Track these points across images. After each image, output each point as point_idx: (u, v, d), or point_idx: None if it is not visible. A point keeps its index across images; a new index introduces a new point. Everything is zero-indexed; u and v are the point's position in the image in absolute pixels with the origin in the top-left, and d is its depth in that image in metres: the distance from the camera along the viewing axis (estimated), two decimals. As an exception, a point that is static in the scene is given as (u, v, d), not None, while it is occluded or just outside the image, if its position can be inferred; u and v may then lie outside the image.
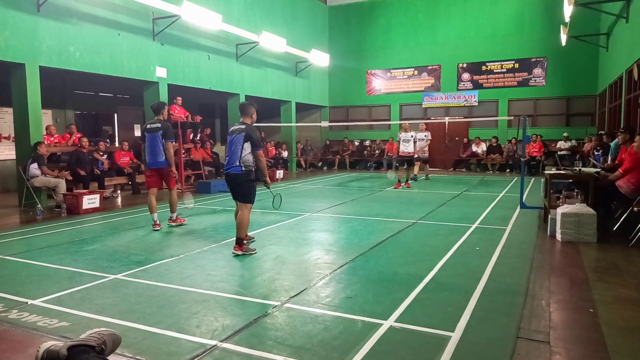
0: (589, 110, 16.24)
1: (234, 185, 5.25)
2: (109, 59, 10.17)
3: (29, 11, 8.59)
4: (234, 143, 5.18)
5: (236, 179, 5.19)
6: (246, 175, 5.16)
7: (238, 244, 5.12)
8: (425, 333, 3.03)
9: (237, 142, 5.14)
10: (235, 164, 5.14)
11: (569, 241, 5.55)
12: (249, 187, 5.22)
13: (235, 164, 5.14)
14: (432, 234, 6.15)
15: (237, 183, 5.21)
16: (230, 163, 5.19)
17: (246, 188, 5.21)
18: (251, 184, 5.23)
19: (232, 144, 5.20)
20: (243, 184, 5.19)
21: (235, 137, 5.18)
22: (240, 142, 5.12)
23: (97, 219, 7.59)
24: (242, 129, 5.18)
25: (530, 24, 16.78)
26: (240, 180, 5.17)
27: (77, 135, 10.68)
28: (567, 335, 3.05)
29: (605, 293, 3.83)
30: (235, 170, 5.14)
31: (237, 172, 5.14)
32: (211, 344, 2.88)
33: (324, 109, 20.25)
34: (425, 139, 13.27)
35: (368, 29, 19.22)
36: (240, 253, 5.08)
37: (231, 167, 5.18)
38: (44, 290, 3.94)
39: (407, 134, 11.84)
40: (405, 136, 11.86)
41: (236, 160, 5.13)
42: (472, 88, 17.71)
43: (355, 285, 4.02)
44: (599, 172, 6.73)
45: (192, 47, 12.57)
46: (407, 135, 11.81)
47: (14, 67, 8.62)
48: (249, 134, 5.13)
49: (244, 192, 5.21)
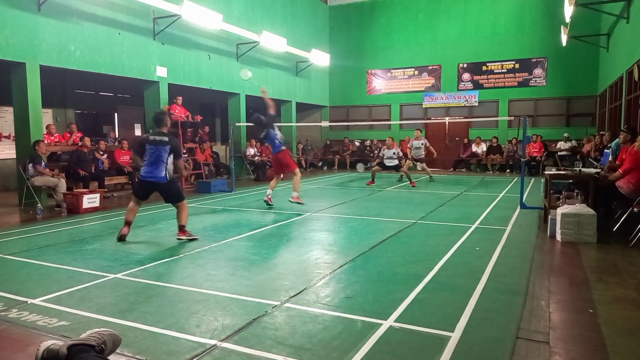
0: (589, 110, 16.24)
1: (162, 191, 5.83)
2: (110, 58, 10.17)
3: (29, 10, 8.59)
4: (157, 153, 5.68)
5: (161, 187, 5.78)
6: (170, 182, 5.80)
7: (182, 231, 5.75)
8: (424, 333, 3.03)
9: (162, 152, 5.68)
10: (160, 174, 5.68)
11: (569, 241, 5.55)
12: (177, 188, 6.00)
13: (161, 175, 5.69)
14: (432, 234, 6.16)
15: (164, 189, 5.80)
16: (154, 173, 5.69)
17: (175, 190, 5.90)
18: (176, 185, 6.03)
19: (155, 154, 5.68)
20: (171, 188, 5.84)
21: (158, 148, 5.68)
22: (166, 153, 5.70)
23: (97, 218, 7.60)
24: (166, 141, 5.72)
25: (531, 24, 16.78)
26: (167, 187, 5.78)
27: (78, 134, 10.68)
28: (566, 336, 3.05)
29: (605, 293, 3.83)
30: (161, 180, 5.70)
31: (162, 182, 5.72)
32: (211, 343, 2.88)
33: (324, 109, 20.25)
34: (422, 147, 12.89)
35: (368, 29, 19.21)
36: (185, 238, 5.71)
37: (155, 177, 5.69)
38: (44, 289, 3.94)
39: (390, 151, 12.02)
40: (388, 153, 12.04)
41: (161, 172, 5.68)
42: (472, 88, 17.71)
43: (355, 285, 4.02)
44: (599, 173, 6.73)
45: (193, 46, 12.57)
46: (390, 152, 12.01)
47: (14, 66, 8.62)
48: (173, 147, 5.76)
49: (175, 194, 5.87)
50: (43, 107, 9.17)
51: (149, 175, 5.73)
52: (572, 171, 6.82)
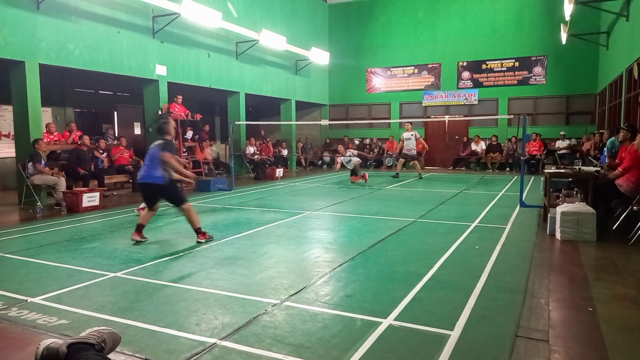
0: (589, 109, 16.24)
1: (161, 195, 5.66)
2: (109, 57, 10.16)
3: (28, 8, 8.58)
4: (152, 153, 5.56)
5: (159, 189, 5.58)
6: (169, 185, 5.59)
7: (199, 234, 5.60)
8: (424, 331, 3.03)
9: (156, 152, 5.50)
10: (155, 174, 5.49)
11: (569, 240, 5.56)
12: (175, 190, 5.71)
13: (156, 175, 5.49)
14: (431, 232, 6.16)
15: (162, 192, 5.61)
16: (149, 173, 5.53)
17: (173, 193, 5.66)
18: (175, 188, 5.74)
19: (150, 154, 5.59)
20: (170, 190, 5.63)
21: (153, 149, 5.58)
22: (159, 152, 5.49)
23: (96, 216, 7.60)
24: (160, 142, 5.58)
25: (530, 22, 16.77)
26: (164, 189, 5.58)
27: (77, 133, 10.68)
28: (566, 334, 3.05)
29: (604, 291, 3.83)
30: (158, 180, 5.50)
31: (159, 183, 5.50)
32: (211, 342, 2.89)
33: (324, 107, 20.24)
34: (412, 138, 13.40)
35: (368, 27, 19.20)
36: (204, 240, 5.58)
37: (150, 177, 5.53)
38: (44, 288, 3.94)
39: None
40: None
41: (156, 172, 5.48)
42: (472, 86, 17.70)
43: (354, 284, 4.03)
44: (598, 171, 6.73)
45: (192, 45, 12.56)
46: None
47: (13, 65, 8.61)
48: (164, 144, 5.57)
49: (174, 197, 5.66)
50: (42, 106, 9.16)
51: (144, 176, 5.58)
52: (571, 169, 6.82)
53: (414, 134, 13.51)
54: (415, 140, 13.43)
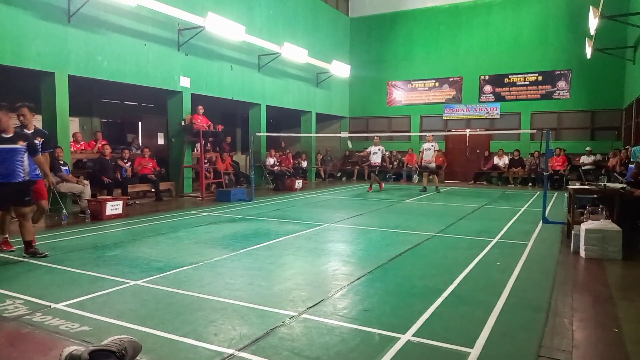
0: (615, 124, 15.90)
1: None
2: (135, 68, 10.42)
3: (60, 21, 8.88)
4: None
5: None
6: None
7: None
8: (443, 348, 2.99)
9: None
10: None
11: (593, 258, 5.42)
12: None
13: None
14: (451, 247, 6.08)
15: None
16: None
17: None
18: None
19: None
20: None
21: None
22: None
23: (119, 225, 7.73)
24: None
25: (554, 36, 16.59)
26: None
27: (102, 142, 10.93)
28: (590, 355, 2.97)
29: (631, 311, 3.72)
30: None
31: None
32: (228, 352, 2.90)
33: (344, 120, 20.31)
34: (432, 149, 13.39)
35: (389, 40, 19.26)
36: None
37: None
38: (67, 294, 4.02)
39: (376, 147, 13.67)
40: (374, 149, 13.70)
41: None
42: (494, 100, 17.54)
43: (372, 298, 4.00)
44: (624, 188, 6.57)
45: (216, 57, 12.79)
46: (375, 148, 13.65)
47: (43, 76, 8.90)
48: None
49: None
50: (70, 116, 9.42)
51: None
52: (596, 186, 6.68)
53: (434, 145, 13.51)
54: (434, 152, 13.41)
